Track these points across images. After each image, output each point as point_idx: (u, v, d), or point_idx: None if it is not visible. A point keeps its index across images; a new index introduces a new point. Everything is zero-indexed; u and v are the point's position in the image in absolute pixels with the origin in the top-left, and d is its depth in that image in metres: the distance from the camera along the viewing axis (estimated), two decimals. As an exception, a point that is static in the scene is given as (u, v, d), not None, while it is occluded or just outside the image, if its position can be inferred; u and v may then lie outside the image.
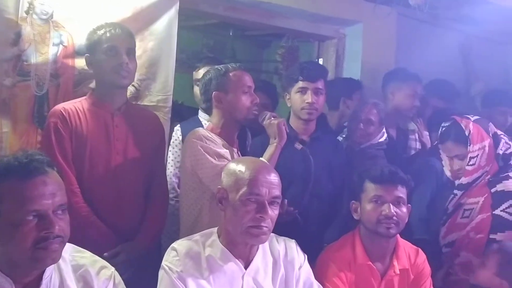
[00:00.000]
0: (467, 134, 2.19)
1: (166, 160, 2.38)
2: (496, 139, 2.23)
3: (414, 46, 3.29)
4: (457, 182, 2.26)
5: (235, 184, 1.55)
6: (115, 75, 1.97)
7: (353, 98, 2.88)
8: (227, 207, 1.56)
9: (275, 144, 2.07)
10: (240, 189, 1.53)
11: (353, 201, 1.97)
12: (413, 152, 2.87)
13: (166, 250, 1.62)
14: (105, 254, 1.83)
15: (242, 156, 2.14)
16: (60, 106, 2.00)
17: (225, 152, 1.99)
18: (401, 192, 1.88)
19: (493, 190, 2.16)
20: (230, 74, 2.06)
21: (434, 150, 2.54)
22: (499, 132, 2.28)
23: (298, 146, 2.07)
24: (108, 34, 1.97)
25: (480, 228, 2.13)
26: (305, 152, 2.05)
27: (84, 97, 2.07)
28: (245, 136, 2.48)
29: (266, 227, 1.53)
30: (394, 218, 1.84)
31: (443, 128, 2.30)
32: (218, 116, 2.09)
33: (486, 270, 1.95)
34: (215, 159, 1.94)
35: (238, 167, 1.58)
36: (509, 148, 2.24)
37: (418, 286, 1.93)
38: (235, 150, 2.10)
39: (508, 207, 2.12)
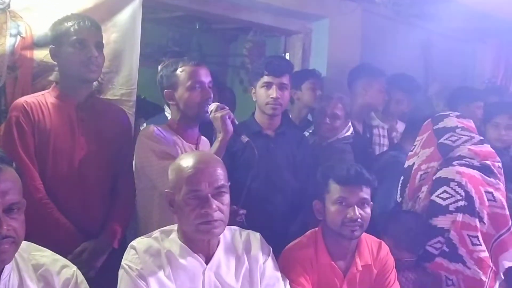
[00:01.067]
0: None
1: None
2: None
3: (378, 42, 3.35)
4: None
5: (177, 184, 1.53)
6: (84, 69, 1.93)
7: (302, 89, 2.91)
8: (177, 209, 1.54)
9: (219, 139, 1.93)
10: (181, 188, 1.51)
11: (316, 200, 1.94)
12: (377, 147, 2.92)
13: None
14: (68, 257, 1.77)
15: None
16: (22, 99, 1.94)
17: (174, 150, 1.92)
18: (366, 193, 1.85)
19: (434, 177, 2.25)
20: (178, 70, 1.99)
21: (400, 145, 2.61)
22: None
23: (244, 139, 1.99)
24: (76, 27, 1.92)
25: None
26: (250, 144, 1.98)
27: (48, 90, 2.01)
28: (212, 132, 2.46)
29: (215, 220, 1.50)
30: (359, 220, 1.82)
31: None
32: (174, 112, 2.06)
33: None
34: (161, 157, 1.89)
35: (178, 165, 1.55)
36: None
37: (383, 279, 1.94)
38: (193, 146, 2.05)
39: (442, 192, 2.18)
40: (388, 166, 2.48)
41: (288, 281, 1.71)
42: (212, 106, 1.97)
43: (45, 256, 1.42)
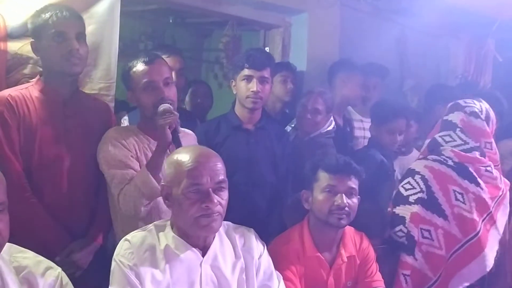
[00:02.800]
0: None
1: None
2: None
3: (357, 36, 3.36)
4: None
5: (175, 178, 1.49)
6: (65, 63, 1.86)
7: (273, 82, 2.84)
8: (173, 203, 1.51)
9: (154, 149, 1.85)
10: (181, 182, 1.47)
11: (304, 190, 1.96)
12: (361, 140, 2.93)
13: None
14: (57, 258, 1.73)
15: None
16: (6, 93, 1.86)
17: (128, 158, 1.86)
18: (354, 183, 1.89)
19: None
20: (132, 71, 1.91)
21: (374, 141, 2.63)
22: None
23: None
24: (55, 18, 1.83)
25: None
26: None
27: (31, 83, 1.93)
28: (194, 124, 2.41)
29: (215, 213, 1.48)
30: (346, 209, 1.85)
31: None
32: (140, 112, 2.00)
33: None
34: (112, 166, 1.85)
35: (177, 158, 1.51)
36: None
37: (365, 270, 1.99)
38: None
39: (406, 183, 2.26)
40: (364, 164, 2.50)
41: (282, 276, 1.71)
42: (162, 107, 1.83)
43: (28, 257, 1.38)
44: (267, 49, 3.32)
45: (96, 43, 2.26)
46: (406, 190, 2.24)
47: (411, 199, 2.21)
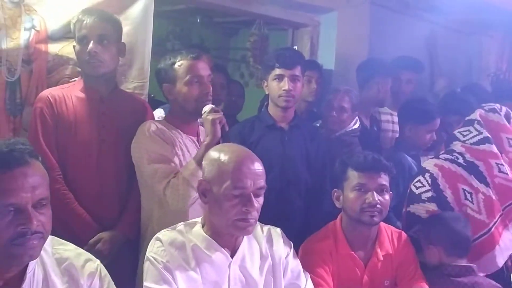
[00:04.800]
0: None
1: None
2: None
3: (386, 35, 3.35)
4: None
5: (218, 176, 1.50)
6: (86, 65, 1.96)
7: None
8: (211, 200, 1.53)
9: (205, 143, 1.85)
10: (224, 182, 1.48)
11: (335, 189, 1.96)
12: (389, 133, 2.94)
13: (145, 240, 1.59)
14: (85, 247, 1.79)
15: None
16: (47, 92, 1.98)
17: (169, 150, 1.90)
18: (384, 179, 1.88)
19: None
20: (177, 64, 1.96)
21: (404, 141, 2.62)
22: None
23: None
24: (82, 22, 1.94)
25: None
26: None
27: (73, 83, 2.04)
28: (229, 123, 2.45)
29: (252, 219, 1.50)
30: (378, 206, 1.84)
31: None
32: (173, 106, 2.05)
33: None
34: (153, 160, 1.88)
35: (221, 157, 1.52)
36: None
37: (406, 269, 1.95)
38: (194, 138, 2.04)
39: (417, 181, 2.25)
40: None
41: (309, 274, 1.72)
42: (207, 107, 1.91)
43: (69, 250, 1.42)
44: (295, 48, 3.34)
45: (131, 44, 2.32)
46: (417, 188, 2.23)
47: (423, 196, 2.19)
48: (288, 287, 1.64)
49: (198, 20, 5.00)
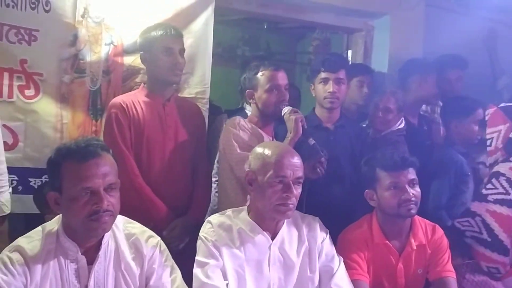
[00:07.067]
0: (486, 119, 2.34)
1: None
2: None
3: (441, 35, 3.30)
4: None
5: (262, 167, 1.74)
6: (170, 73, 2.22)
7: (350, 85, 2.82)
8: (256, 188, 1.76)
9: (289, 138, 2.13)
10: (267, 172, 1.72)
11: (367, 190, 2.06)
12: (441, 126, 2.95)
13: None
14: (164, 233, 2.05)
15: None
16: (119, 99, 2.23)
17: (256, 141, 2.13)
18: (413, 173, 2.00)
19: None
20: (259, 74, 2.23)
21: (453, 138, 2.65)
22: None
23: (311, 141, 2.15)
24: (164, 35, 2.20)
25: None
26: (315, 147, 2.15)
27: (137, 90, 2.30)
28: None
29: (291, 204, 1.72)
30: (413, 199, 1.96)
31: None
32: (254, 109, 2.31)
33: None
34: (242, 148, 2.12)
35: (265, 151, 1.77)
36: None
37: (437, 259, 2.05)
38: (270, 138, 2.27)
39: (488, 184, 2.30)
40: (443, 165, 2.54)
41: (342, 259, 1.88)
42: (286, 109, 2.19)
43: (135, 227, 1.69)
44: (349, 52, 3.44)
45: (193, 54, 2.62)
46: (487, 189, 2.28)
47: (490, 198, 2.24)
48: (322, 268, 1.83)
49: (265, 27, 5.23)
